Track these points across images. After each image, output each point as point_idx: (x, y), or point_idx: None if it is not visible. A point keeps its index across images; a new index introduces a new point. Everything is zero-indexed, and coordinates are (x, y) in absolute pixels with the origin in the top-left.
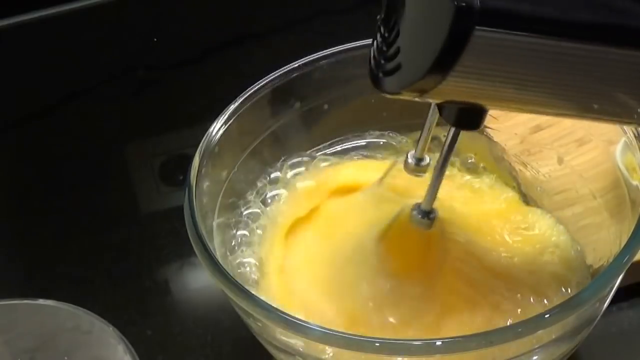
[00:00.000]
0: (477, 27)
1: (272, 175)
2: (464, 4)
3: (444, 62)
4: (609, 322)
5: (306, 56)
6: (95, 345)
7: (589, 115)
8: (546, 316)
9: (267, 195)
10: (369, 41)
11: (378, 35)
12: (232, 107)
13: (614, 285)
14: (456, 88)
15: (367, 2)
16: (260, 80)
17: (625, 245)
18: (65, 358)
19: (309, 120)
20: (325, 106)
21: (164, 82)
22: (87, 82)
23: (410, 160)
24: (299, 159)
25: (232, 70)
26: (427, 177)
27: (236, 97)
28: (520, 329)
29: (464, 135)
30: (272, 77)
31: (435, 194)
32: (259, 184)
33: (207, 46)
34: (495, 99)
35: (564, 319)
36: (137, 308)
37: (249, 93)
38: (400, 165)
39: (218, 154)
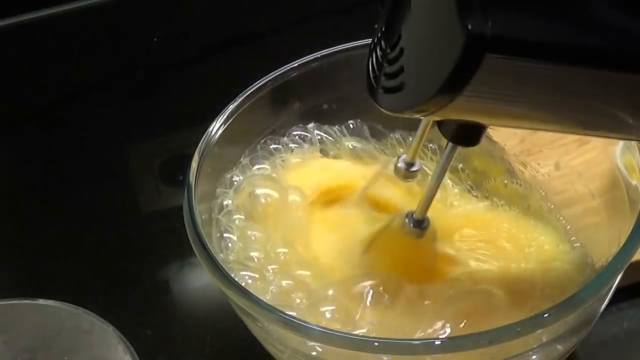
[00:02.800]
0: (488, 54)
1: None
2: (475, 31)
3: (451, 87)
4: (609, 322)
5: (306, 56)
6: (95, 345)
7: (595, 133)
8: (545, 316)
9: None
10: (369, 41)
11: (378, 49)
12: (232, 107)
13: (612, 285)
14: (460, 109)
15: (367, 2)
16: (260, 80)
17: (624, 244)
18: (65, 358)
19: (309, 120)
20: (325, 106)
21: (164, 82)
22: (87, 82)
23: (400, 165)
24: (297, 160)
25: (232, 70)
26: (414, 188)
27: (236, 97)
28: (519, 329)
29: None
30: (271, 77)
31: (429, 204)
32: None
33: (207, 46)
34: (499, 119)
35: (562, 318)
36: (137, 308)
37: (248, 93)
38: (388, 173)
39: (217, 154)
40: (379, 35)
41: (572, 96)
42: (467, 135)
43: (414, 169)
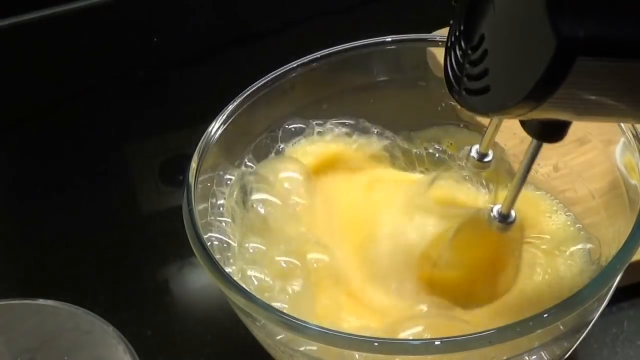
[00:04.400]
0: (580, 58)
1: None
2: (568, 34)
3: (541, 92)
4: (609, 322)
5: (306, 56)
6: (95, 345)
7: None
8: (545, 315)
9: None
10: (369, 41)
11: (457, 48)
12: (231, 107)
13: (612, 285)
14: (547, 111)
15: (367, 2)
16: (260, 80)
17: (624, 245)
18: (65, 358)
19: (309, 121)
20: (325, 106)
21: (164, 82)
22: (87, 82)
23: (473, 155)
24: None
25: (232, 70)
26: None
27: (235, 97)
28: (519, 329)
29: (463, 135)
30: (271, 77)
31: (515, 199)
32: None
33: (207, 46)
34: (586, 117)
35: (562, 318)
36: (137, 308)
37: (248, 93)
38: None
39: (217, 154)
40: (457, 34)
41: None
42: (552, 131)
43: (487, 159)
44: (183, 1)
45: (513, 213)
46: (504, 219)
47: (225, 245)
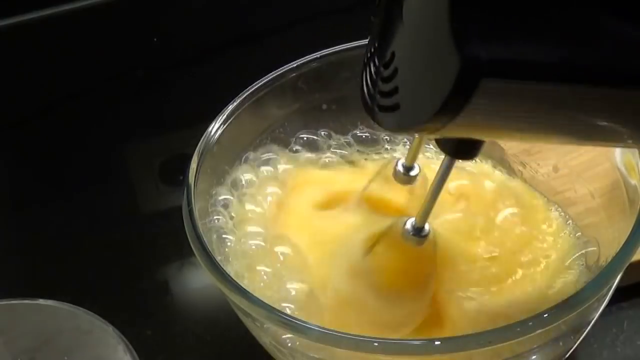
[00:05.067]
0: (484, 79)
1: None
2: (471, 55)
3: (447, 112)
4: (609, 322)
5: (306, 56)
6: (95, 345)
7: (597, 143)
8: (544, 315)
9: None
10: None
11: (371, 64)
12: (231, 107)
13: (612, 285)
14: (457, 130)
15: (367, 2)
16: (259, 80)
17: (623, 245)
18: (65, 358)
19: (308, 120)
20: (325, 106)
21: (164, 82)
22: (87, 82)
23: (399, 169)
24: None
25: (232, 70)
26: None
27: (235, 97)
28: (519, 329)
29: None
30: (271, 77)
31: (429, 213)
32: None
33: (207, 46)
34: (497, 136)
35: (562, 318)
36: (137, 308)
37: (248, 93)
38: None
39: (217, 154)
40: (372, 50)
41: (571, 113)
42: (465, 149)
43: (412, 173)
44: (183, 1)
45: (427, 227)
46: (418, 232)
47: (225, 245)
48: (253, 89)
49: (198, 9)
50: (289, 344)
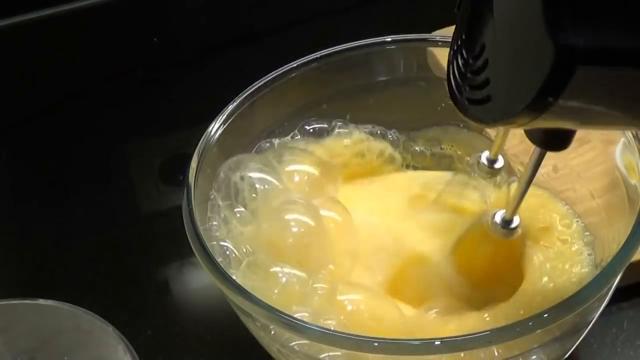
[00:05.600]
0: (580, 67)
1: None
2: (566, 44)
3: (542, 103)
4: (609, 322)
5: (306, 56)
6: (95, 345)
7: None
8: (544, 315)
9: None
10: (369, 41)
11: (459, 57)
12: (231, 107)
13: (612, 285)
14: (550, 121)
15: (367, 2)
16: (260, 80)
17: (623, 244)
18: (65, 358)
19: (308, 121)
20: (325, 106)
21: (164, 82)
22: (87, 82)
23: (483, 162)
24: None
25: (232, 70)
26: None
27: (235, 97)
28: (519, 329)
29: (463, 135)
30: (271, 77)
31: (519, 204)
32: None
33: (207, 46)
34: (590, 126)
35: (562, 318)
36: (137, 308)
37: (248, 93)
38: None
39: (217, 154)
40: (459, 43)
41: None
42: (556, 139)
43: (497, 166)
44: (183, 1)
45: (516, 219)
46: (507, 224)
47: (225, 244)
48: (253, 89)
49: (198, 9)
50: (289, 344)
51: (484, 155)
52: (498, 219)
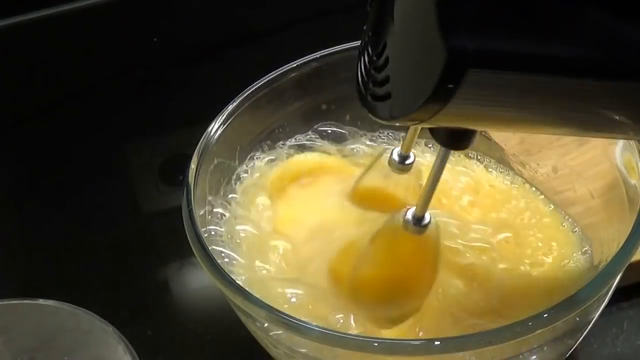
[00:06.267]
0: (471, 70)
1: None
2: (457, 47)
3: (435, 102)
4: (609, 322)
5: (306, 56)
6: (95, 345)
7: (587, 134)
8: (544, 315)
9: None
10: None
11: (365, 54)
12: (231, 107)
13: (612, 285)
14: (447, 119)
15: (367, 2)
16: (260, 80)
17: (623, 244)
18: (65, 358)
19: (308, 121)
20: (324, 106)
21: (164, 82)
22: (87, 82)
23: (395, 157)
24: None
25: (232, 70)
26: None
27: (235, 97)
28: (518, 329)
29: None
30: (271, 77)
31: (428, 202)
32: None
33: (207, 46)
34: (488, 126)
35: (562, 318)
36: (137, 308)
37: (248, 93)
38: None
39: (217, 154)
40: (367, 39)
41: (558, 103)
42: (458, 139)
43: (408, 162)
44: (183, 1)
45: (427, 216)
46: (418, 222)
47: (225, 244)
48: (253, 88)
49: (198, 8)
50: (289, 344)
51: (396, 151)
52: (410, 215)
